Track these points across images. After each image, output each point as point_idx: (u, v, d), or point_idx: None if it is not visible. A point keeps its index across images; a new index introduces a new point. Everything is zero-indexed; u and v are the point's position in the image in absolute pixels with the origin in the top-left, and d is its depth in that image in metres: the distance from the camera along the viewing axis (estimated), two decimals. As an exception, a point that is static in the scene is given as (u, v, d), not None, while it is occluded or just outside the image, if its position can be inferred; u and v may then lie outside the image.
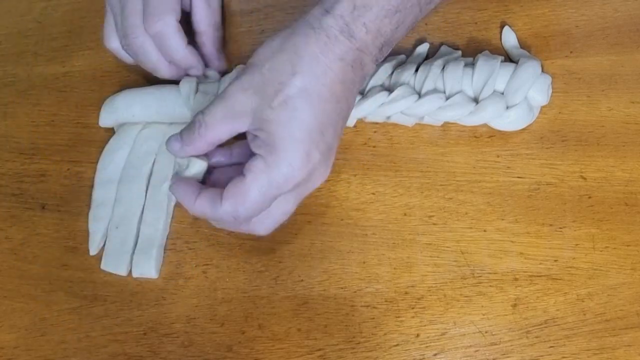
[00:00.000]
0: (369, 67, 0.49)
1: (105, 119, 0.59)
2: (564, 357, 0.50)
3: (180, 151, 0.49)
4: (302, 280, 0.54)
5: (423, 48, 0.59)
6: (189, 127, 0.48)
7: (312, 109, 0.46)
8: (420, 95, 0.55)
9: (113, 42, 0.57)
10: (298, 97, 0.45)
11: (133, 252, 0.55)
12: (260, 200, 0.47)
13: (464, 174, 0.56)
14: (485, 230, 0.54)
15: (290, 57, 0.46)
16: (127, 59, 0.58)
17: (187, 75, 0.58)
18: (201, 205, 0.48)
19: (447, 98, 0.55)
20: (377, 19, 0.46)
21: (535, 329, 0.51)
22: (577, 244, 0.53)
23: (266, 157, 0.46)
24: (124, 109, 0.58)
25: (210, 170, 0.51)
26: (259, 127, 0.46)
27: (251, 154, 0.47)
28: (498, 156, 0.56)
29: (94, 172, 0.58)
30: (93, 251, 0.56)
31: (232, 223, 0.49)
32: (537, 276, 0.52)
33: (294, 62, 0.46)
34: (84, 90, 0.62)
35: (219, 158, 0.52)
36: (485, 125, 0.56)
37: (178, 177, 0.50)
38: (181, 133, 0.49)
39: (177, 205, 0.57)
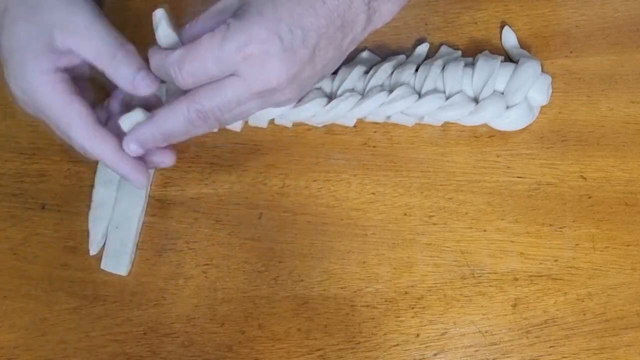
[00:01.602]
0: (357, 8, 0.48)
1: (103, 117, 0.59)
2: (564, 357, 0.50)
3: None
4: (302, 280, 0.54)
5: (423, 48, 0.59)
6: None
7: (290, 3, 0.46)
8: (420, 95, 0.55)
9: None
10: None
11: (133, 252, 0.55)
12: (207, 57, 0.46)
13: (464, 174, 0.56)
14: (485, 230, 0.54)
15: None
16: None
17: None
18: (158, 53, 0.48)
19: (447, 98, 0.55)
20: None
21: (535, 329, 0.51)
22: (577, 244, 0.53)
23: (231, 22, 0.46)
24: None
25: None
26: (238, 6, 0.47)
27: None
28: (498, 156, 0.56)
29: (94, 172, 0.58)
30: (93, 251, 0.56)
31: (181, 75, 0.47)
32: (537, 276, 0.52)
33: None
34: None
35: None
36: (485, 125, 0.56)
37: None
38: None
39: (175, 205, 0.57)
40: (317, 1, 0.46)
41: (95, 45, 0.49)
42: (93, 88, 0.52)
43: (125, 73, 0.49)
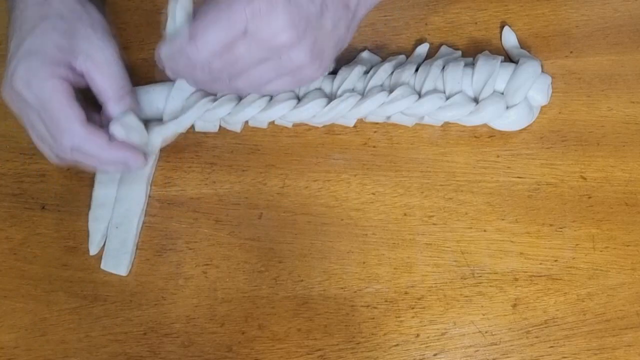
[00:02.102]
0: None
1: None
2: (564, 357, 0.50)
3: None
4: (302, 280, 0.54)
5: (423, 48, 0.59)
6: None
7: None
8: (420, 95, 0.55)
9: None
10: None
11: (133, 252, 0.55)
12: (218, 23, 0.47)
13: (464, 174, 0.56)
14: (485, 230, 0.54)
15: None
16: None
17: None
18: (168, 41, 0.50)
19: (447, 98, 0.55)
20: None
21: (535, 329, 0.51)
22: (577, 244, 0.53)
23: None
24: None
25: None
26: None
27: None
28: (498, 156, 0.56)
29: (94, 172, 0.58)
30: (93, 251, 0.56)
31: (193, 47, 0.48)
32: (537, 276, 0.52)
33: None
34: (84, 90, 0.62)
35: None
36: (485, 125, 0.56)
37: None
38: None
39: (176, 205, 0.57)
40: None
41: (108, 83, 0.53)
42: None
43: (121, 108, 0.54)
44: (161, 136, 0.55)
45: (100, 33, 0.54)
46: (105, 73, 0.53)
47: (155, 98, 0.57)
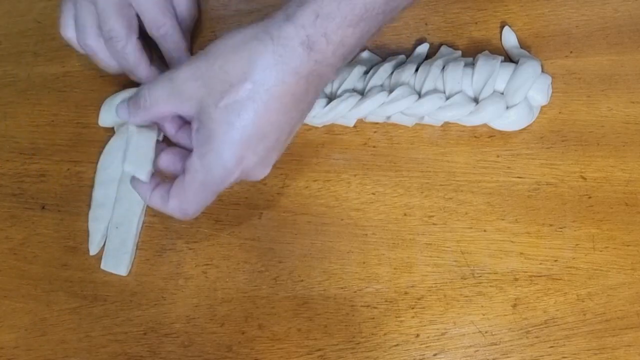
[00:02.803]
0: (328, 77, 0.48)
1: (105, 118, 0.59)
2: (564, 357, 0.50)
3: (127, 118, 0.50)
4: (302, 280, 0.54)
5: (423, 48, 0.59)
6: (135, 99, 0.49)
7: (256, 117, 0.45)
8: (420, 95, 0.55)
9: (70, 32, 0.57)
10: (243, 104, 0.45)
11: (133, 252, 0.55)
12: (201, 197, 0.48)
13: (464, 174, 0.56)
14: (485, 230, 0.54)
15: (244, 63, 0.45)
16: (80, 50, 0.58)
17: None
18: (154, 201, 0.50)
19: (447, 98, 0.55)
20: (340, 29, 0.45)
21: (535, 329, 0.51)
22: (577, 244, 0.53)
23: (202, 155, 0.47)
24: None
25: (162, 147, 0.51)
26: (202, 121, 0.46)
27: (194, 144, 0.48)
28: (498, 156, 0.56)
29: (94, 172, 0.58)
30: (93, 251, 0.56)
31: (187, 216, 0.50)
32: (537, 276, 0.52)
33: (246, 69, 0.45)
34: (84, 90, 0.62)
35: (170, 130, 0.52)
36: (485, 125, 0.56)
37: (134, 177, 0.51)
38: (128, 102, 0.50)
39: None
40: (284, 97, 0.46)
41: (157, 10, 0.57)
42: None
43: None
44: None
45: None
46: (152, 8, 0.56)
47: None
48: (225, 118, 0.45)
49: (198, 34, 0.62)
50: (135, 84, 0.60)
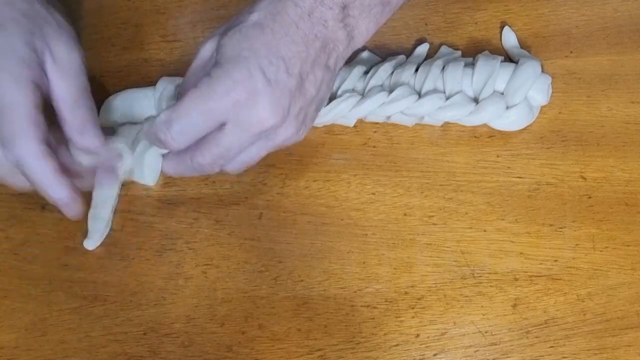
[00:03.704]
0: (333, 26, 0.48)
1: (105, 118, 0.59)
2: (564, 357, 0.50)
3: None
4: (302, 280, 0.54)
5: (423, 48, 0.59)
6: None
7: (264, 38, 0.47)
8: (420, 95, 0.55)
9: None
10: (252, 27, 0.47)
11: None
12: (196, 110, 0.47)
13: (464, 174, 0.56)
14: (485, 230, 0.54)
15: (251, 4, 0.48)
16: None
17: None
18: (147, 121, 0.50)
19: (447, 98, 0.55)
20: None
21: (535, 329, 0.51)
22: (577, 244, 0.53)
23: (212, 72, 0.47)
24: (124, 109, 0.58)
25: None
26: (215, 56, 0.48)
27: None
28: (498, 156, 0.56)
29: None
30: (90, 246, 0.56)
31: (171, 136, 0.48)
32: (537, 276, 0.52)
33: (253, 5, 0.48)
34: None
35: None
36: (485, 125, 0.56)
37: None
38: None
39: (176, 205, 0.57)
40: (290, 28, 0.47)
41: (71, 86, 0.50)
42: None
43: (80, 120, 0.50)
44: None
45: (67, 37, 0.51)
46: (67, 78, 0.50)
47: (144, 101, 0.58)
48: (234, 40, 0.47)
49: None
50: (134, 84, 0.60)
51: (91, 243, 0.56)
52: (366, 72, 0.57)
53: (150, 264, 0.56)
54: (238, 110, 0.47)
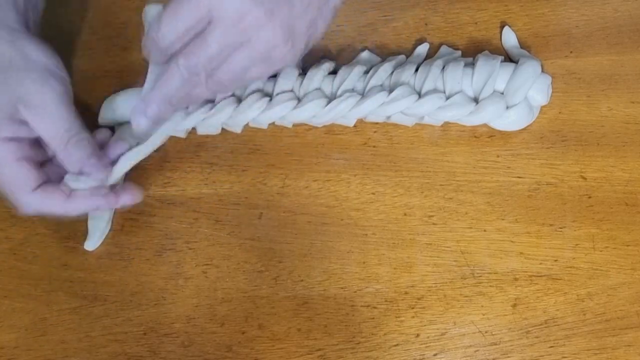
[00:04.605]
0: None
1: (105, 117, 0.59)
2: (564, 357, 0.50)
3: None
4: (302, 280, 0.54)
5: (423, 48, 0.59)
6: None
7: None
8: (420, 95, 0.55)
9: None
10: None
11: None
12: (181, 7, 0.46)
13: (464, 174, 0.56)
14: (485, 230, 0.54)
15: None
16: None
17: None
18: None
19: (447, 98, 0.55)
20: None
21: (535, 329, 0.51)
22: (577, 244, 0.53)
23: None
24: (124, 109, 0.58)
25: None
26: None
27: None
28: (498, 156, 0.56)
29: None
30: (90, 247, 0.56)
31: (158, 34, 0.48)
32: (537, 276, 0.52)
33: None
34: (84, 90, 0.62)
35: None
36: (485, 125, 0.56)
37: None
38: None
39: (175, 205, 0.57)
40: None
41: (51, 129, 0.50)
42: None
43: (75, 159, 0.51)
44: (129, 162, 0.55)
45: (36, 74, 0.50)
46: (46, 118, 0.50)
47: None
48: None
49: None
50: (134, 84, 0.60)
51: (91, 244, 0.56)
52: (366, 72, 0.57)
53: (150, 264, 0.56)
54: (221, 6, 0.46)
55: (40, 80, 0.50)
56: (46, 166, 0.53)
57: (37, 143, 0.52)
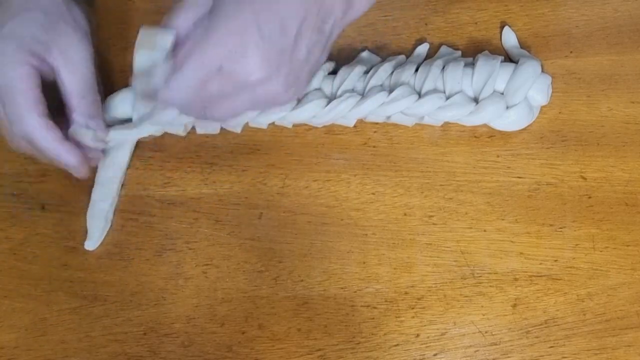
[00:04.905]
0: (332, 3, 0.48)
1: (106, 117, 0.59)
2: (564, 357, 0.50)
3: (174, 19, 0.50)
4: (302, 280, 0.54)
5: (423, 48, 0.59)
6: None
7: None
8: (420, 95, 0.55)
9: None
10: None
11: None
12: (191, 69, 0.47)
13: (464, 174, 0.56)
14: (485, 230, 0.54)
15: None
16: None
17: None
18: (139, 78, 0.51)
19: (447, 98, 0.55)
20: None
21: (535, 329, 0.51)
22: (577, 244, 0.53)
23: (209, 21, 0.47)
24: (124, 108, 0.58)
25: None
26: (212, 4, 0.48)
27: None
28: (498, 156, 0.56)
29: (94, 172, 0.58)
30: (91, 246, 0.56)
31: (168, 96, 0.49)
32: (537, 276, 0.52)
33: None
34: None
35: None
36: (485, 125, 0.56)
37: None
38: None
39: (175, 205, 0.57)
40: None
41: (75, 83, 0.54)
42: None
43: (87, 112, 0.55)
44: (124, 133, 0.56)
45: (80, 35, 0.54)
46: (75, 73, 0.54)
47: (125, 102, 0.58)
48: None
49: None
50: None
51: (91, 244, 0.56)
52: (366, 72, 0.57)
53: (150, 264, 0.56)
54: (230, 61, 0.47)
55: (83, 42, 0.54)
56: None
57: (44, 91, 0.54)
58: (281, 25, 0.47)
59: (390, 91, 0.55)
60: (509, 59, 0.58)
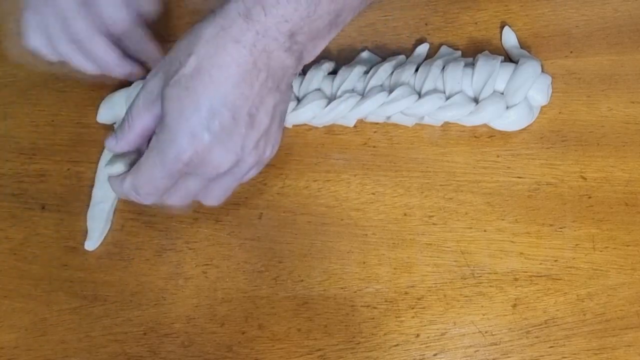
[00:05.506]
0: (279, 56, 0.46)
1: (104, 115, 0.60)
2: (564, 357, 0.50)
3: (115, 147, 0.50)
4: (302, 280, 0.54)
5: (423, 48, 0.59)
6: (121, 123, 0.50)
7: (204, 89, 0.45)
8: (420, 95, 0.55)
9: (37, 41, 0.56)
10: (191, 77, 0.45)
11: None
12: (155, 176, 0.48)
13: (464, 174, 0.56)
14: (485, 230, 0.54)
15: (190, 40, 0.46)
16: (50, 56, 0.57)
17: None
18: (120, 186, 0.50)
19: (447, 98, 0.55)
20: (279, 4, 0.45)
21: (535, 329, 0.51)
22: (577, 244, 0.53)
23: (159, 134, 0.47)
24: (123, 106, 0.58)
25: None
26: (161, 104, 0.47)
27: None
28: (498, 156, 0.56)
29: (94, 172, 0.58)
30: (91, 247, 0.56)
31: (141, 197, 0.49)
32: (537, 276, 0.52)
33: (192, 44, 0.46)
34: (84, 90, 0.62)
35: None
36: (485, 125, 0.56)
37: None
38: (115, 130, 0.50)
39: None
40: (229, 68, 0.45)
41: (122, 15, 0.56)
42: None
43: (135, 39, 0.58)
44: None
45: None
46: (121, 9, 0.56)
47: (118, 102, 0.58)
48: (175, 94, 0.46)
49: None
50: (130, 83, 0.60)
51: (91, 244, 0.56)
52: (366, 72, 0.57)
53: (150, 264, 0.56)
54: (194, 165, 0.47)
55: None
56: None
57: None
58: (231, 114, 0.46)
59: (390, 91, 0.55)
60: (509, 59, 0.58)
